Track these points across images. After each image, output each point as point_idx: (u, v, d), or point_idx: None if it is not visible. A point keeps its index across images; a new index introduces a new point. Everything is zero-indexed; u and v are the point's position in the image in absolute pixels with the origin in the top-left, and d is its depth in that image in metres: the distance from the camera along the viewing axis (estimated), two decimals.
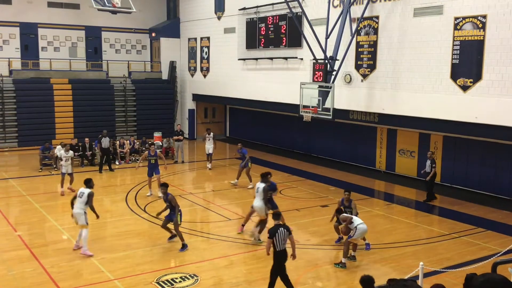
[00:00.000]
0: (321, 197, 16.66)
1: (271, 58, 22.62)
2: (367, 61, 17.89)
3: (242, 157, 18.02)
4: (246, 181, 17.83)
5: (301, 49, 20.70)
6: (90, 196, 11.41)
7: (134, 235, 12.76)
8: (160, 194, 13.70)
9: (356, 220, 10.91)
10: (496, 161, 16.95)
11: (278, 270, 9.08)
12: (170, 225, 11.86)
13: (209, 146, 21.39)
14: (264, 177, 12.70)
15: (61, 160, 17.04)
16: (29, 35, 27.98)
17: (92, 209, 11.55)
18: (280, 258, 9.05)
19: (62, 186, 16.76)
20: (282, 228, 9.16)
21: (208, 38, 27.59)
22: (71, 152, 17.24)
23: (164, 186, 12.10)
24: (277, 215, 9.57)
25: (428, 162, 16.21)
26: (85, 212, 11.28)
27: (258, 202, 12.36)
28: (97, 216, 11.76)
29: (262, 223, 12.23)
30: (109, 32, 30.08)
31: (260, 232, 12.16)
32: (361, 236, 11.08)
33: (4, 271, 10.35)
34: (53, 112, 25.65)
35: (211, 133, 21.61)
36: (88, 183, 11.62)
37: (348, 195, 11.97)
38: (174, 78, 30.01)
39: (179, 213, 11.71)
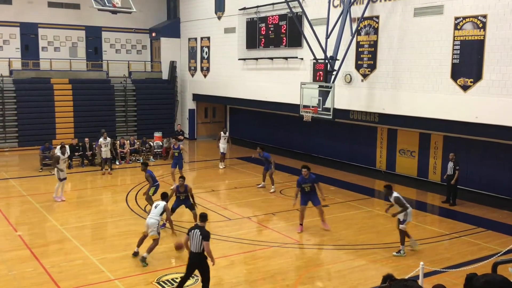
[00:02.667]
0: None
1: (271, 58, 22.62)
2: (367, 61, 17.89)
3: (265, 161, 17.81)
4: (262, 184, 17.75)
5: (301, 49, 20.70)
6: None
7: (134, 235, 12.73)
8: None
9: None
10: (497, 161, 16.95)
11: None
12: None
13: (223, 146, 21.36)
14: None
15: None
16: (29, 35, 27.98)
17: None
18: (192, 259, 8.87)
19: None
20: (197, 230, 8.78)
21: (209, 38, 27.59)
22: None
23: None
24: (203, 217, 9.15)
25: (451, 165, 15.73)
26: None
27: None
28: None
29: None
30: (110, 32, 30.08)
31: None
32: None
33: (5, 271, 10.35)
34: (54, 112, 25.65)
35: (227, 132, 21.46)
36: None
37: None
38: (175, 78, 30.02)
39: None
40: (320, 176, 19.69)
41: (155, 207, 11.29)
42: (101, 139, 20.06)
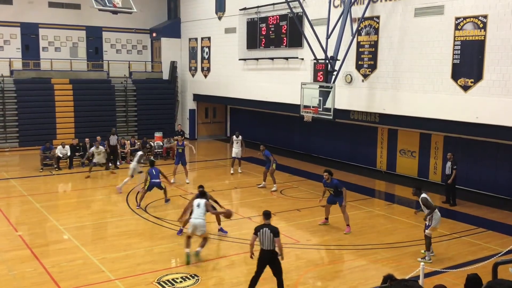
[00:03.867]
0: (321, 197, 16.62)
1: (272, 58, 22.62)
2: (367, 61, 17.89)
3: (266, 159, 17.83)
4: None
5: (301, 49, 20.70)
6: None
7: (135, 235, 12.77)
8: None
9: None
10: (497, 161, 16.94)
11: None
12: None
13: (236, 150, 20.14)
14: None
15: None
16: (30, 35, 28.01)
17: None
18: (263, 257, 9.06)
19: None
20: (267, 229, 9.05)
21: (209, 38, 27.60)
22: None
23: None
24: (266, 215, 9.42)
25: (449, 164, 15.75)
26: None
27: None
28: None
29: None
30: (110, 32, 30.10)
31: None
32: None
33: (5, 271, 10.36)
34: (54, 112, 25.67)
35: (240, 136, 20.22)
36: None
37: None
38: (175, 78, 30.02)
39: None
40: (320, 176, 19.67)
41: (198, 206, 11.20)
42: (93, 148, 20.16)
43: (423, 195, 11.18)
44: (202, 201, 11.34)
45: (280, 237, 9.08)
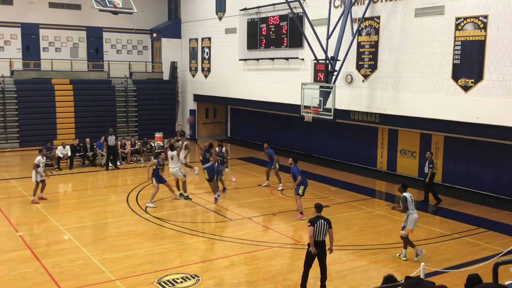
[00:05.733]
0: (322, 197, 16.64)
1: (272, 59, 22.62)
2: (368, 61, 17.89)
3: (269, 158, 17.82)
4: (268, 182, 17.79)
5: (302, 49, 20.71)
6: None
7: (135, 235, 12.77)
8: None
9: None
10: (497, 162, 16.93)
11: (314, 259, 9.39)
12: None
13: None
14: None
15: (39, 166, 15.40)
16: (30, 36, 28.02)
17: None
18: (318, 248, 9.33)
19: (34, 195, 15.56)
20: (323, 220, 9.35)
21: (209, 39, 27.60)
22: (45, 158, 16.10)
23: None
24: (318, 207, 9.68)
25: (427, 163, 16.05)
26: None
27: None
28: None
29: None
30: (110, 33, 30.12)
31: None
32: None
33: (6, 271, 10.36)
34: (55, 113, 25.67)
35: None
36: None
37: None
38: (175, 78, 30.02)
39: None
40: (321, 177, 19.76)
41: (171, 158, 15.59)
42: (39, 157, 16.83)
43: (405, 194, 11.24)
44: (173, 153, 14.22)
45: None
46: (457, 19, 14.98)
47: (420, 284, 4.87)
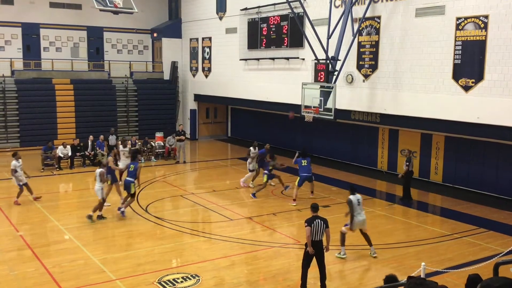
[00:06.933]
0: (322, 197, 16.64)
1: (273, 59, 22.62)
2: (368, 61, 17.88)
3: (260, 158, 17.86)
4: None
5: (302, 49, 20.70)
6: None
7: (135, 235, 12.77)
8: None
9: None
10: (498, 162, 16.92)
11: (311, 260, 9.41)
12: None
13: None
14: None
15: (16, 171, 15.20)
16: (31, 36, 28.03)
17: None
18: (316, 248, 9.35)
19: (18, 197, 15.40)
20: (319, 220, 9.39)
21: (210, 39, 27.60)
22: (20, 160, 15.67)
23: None
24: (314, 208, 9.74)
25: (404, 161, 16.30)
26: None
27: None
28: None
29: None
30: (111, 33, 30.12)
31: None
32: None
33: (6, 271, 10.37)
34: (55, 113, 25.69)
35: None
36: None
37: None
38: (176, 78, 30.03)
39: None
40: (321, 176, 19.73)
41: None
42: (14, 161, 16.39)
43: (351, 196, 11.22)
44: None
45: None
46: (458, 19, 14.97)
47: (423, 284, 4.85)
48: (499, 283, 4.68)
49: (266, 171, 16.68)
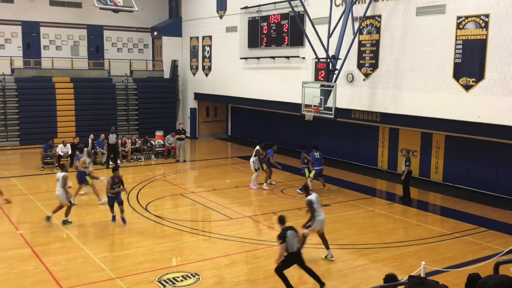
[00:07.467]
0: (323, 196, 16.62)
1: (273, 57, 22.60)
2: (369, 60, 17.86)
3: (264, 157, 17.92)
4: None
5: (303, 48, 20.68)
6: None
7: (135, 233, 12.76)
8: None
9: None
10: (498, 161, 16.91)
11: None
12: None
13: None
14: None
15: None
16: (31, 34, 28.00)
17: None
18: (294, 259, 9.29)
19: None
20: (291, 231, 9.23)
21: (210, 37, 27.58)
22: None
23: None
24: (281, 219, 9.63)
25: (403, 161, 16.20)
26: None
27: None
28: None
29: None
30: (111, 31, 30.09)
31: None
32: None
33: (6, 269, 10.36)
34: (55, 111, 25.69)
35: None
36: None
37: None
38: (176, 77, 30.02)
39: None
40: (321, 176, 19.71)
41: (57, 179, 13.13)
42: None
43: (310, 197, 11.13)
44: (60, 175, 13.13)
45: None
46: (459, 18, 14.95)
47: (424, 284, 4.85)
48: (494, 280, 4.70)
49: (304, 166, 17.13)
